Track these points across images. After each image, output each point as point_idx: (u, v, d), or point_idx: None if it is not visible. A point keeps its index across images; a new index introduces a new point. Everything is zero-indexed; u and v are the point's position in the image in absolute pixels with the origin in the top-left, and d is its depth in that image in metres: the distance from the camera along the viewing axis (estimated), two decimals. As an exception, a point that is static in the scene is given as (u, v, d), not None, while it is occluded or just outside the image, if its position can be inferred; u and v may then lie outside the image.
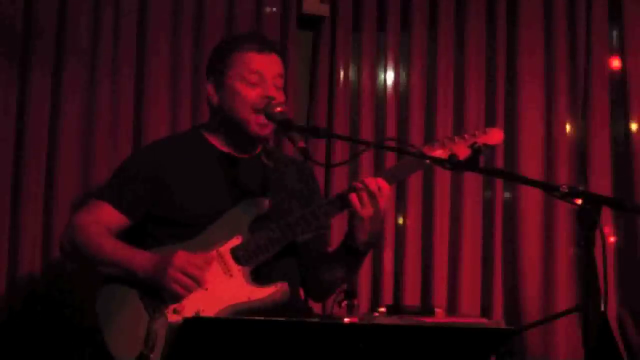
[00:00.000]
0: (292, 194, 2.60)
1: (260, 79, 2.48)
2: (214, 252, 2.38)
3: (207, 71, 2.60)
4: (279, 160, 2.64)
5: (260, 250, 2.40)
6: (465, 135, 2.48)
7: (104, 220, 2.45)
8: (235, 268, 2.38)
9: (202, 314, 2.28)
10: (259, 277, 2.40)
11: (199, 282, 2.30)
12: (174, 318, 2.26)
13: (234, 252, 2.39)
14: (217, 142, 2.56)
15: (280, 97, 2.50)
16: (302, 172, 2.72)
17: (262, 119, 2.45)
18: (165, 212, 2.46)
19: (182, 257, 2.29)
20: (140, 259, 2.34)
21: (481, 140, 2.45)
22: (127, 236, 2.52)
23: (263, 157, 2.60)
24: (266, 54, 2.53)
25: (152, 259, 2.33)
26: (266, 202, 2.46)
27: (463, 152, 2.38)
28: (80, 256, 2.47)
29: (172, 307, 2.30)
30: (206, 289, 2.32)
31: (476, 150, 2.28)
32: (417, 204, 3.87)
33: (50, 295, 3.23)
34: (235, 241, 2.40)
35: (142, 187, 2.47)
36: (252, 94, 2.47)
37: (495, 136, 2.51)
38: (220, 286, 2.34)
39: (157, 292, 2.32)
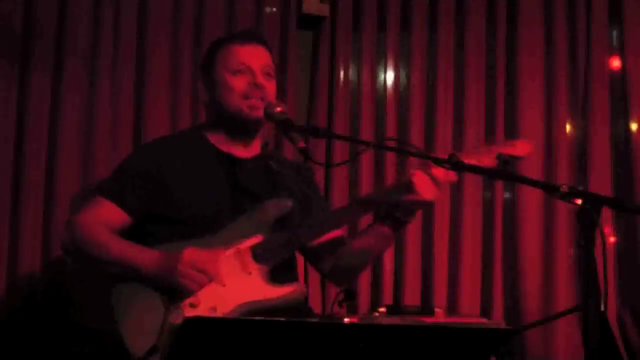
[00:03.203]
0: (293, 194, 2.60)
1: (247, 69, 2.48)
2: (232, 249, 2.36)
3: (200, 74, 2.63)
4: (279, 162, 2.65)
5: (280, 249, 2.39)
6: (493, 146, 2.44)
7: (106, 219, 2.43)
8: (253, 266, 2.36)
9: (218, 310, 2.27)
10: (273, 276, 2.39)
11: (210, 277, 2.29)
12: (190, 312, 2.25)
13: (254, 249, 2.38)
14: (217, 141, 2.56)
15: (269, 85, 2.50)
16: (302, 175, 2.72)
17: (253, 102, 2.45)
18: (165, 210, 2.45)
19: (191, 253, 2.28)
20: (148, 257, 2.32)
21: (507, 151, 2.41)
22: (126, 235, 2.51)
23: (265, 158, 2.60)
24: (250, 44, 2.53)
25: (160, 256, 2.31)
26: (290, 203, 2.45)
27: (490, 162, 2.37)
28: (84, 256, 2.44)
29: (187, 301, 2.28)
30: (224, 285, 2.30)
31: (503, 162, 2.28)
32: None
33: (51, 295, 3.23)
34: (256, 239, 2.39)
35: (143, 185, 2.46)
36: (240, 83, 2.46)
37: (523, 148, 2.44)
38: (238, 283, 2.32)
39: (170, 288, 2.31)
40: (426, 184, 2.35)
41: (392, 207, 2.45)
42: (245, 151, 2.57)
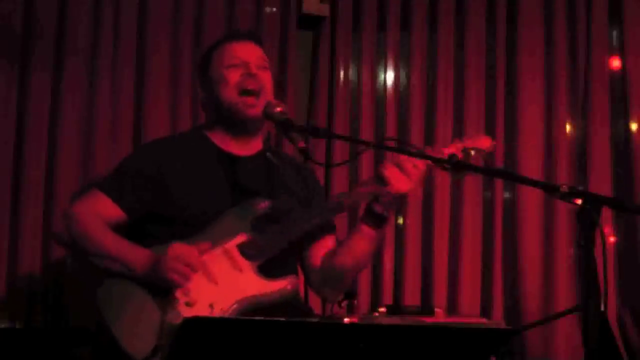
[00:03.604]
0: (293, 194, 2.61)
1: (241, 62, 2.52)
2: (219, 249, 2.38)
3: (197, 79, 2.67)
4: (280, 159, 2.65)
5: (268, 245, 2.41)
6: (456, 140, 2.51)
7: (101, 213, 2.44)
8: (244, 263, 2.38)
9: (215, 308, 2.28)
10: (264, 272, 2.40)
11: (194, 269, 2.29)
12: (187, 312, 2.26)
13: (241, 248, 2.39)
14: (218, 140, 2.57)
15: (264, 75, 2.52)
16: (303, 174, 2.72)
17: (250, 99, 2.47)
18: (165, 210, 2.46)
19: (176, 248, 2.30)
20: (139, 255, 2.34)
21: (471, 144, 2.49)
22: (127, 235, 2.51)
23: (268, 155, 2.60)
24: (241, 41, 2.58)
25: (150, 255, 2.33)
26: (265, 203, 2.47)
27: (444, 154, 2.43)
28: (78, 247, 2.46)
29: (183, 300, 2.29)
30: (217, 284, 2.32)
31: (468, 155, 2.32)
32: (417, 204, 3.87)
33: (50, 295, 3.23)
34: (241, 238, 2.41)
35: (143, 185, 2.47)
36: (234, 76, 2.50)
37: (484, 142, 2.53)
38: (231, 280, 2.34)
39: (162, 288, 2.31)
40: (397, 176, 2.39)
41: (370, 201, 2.47)
42: (245, 149, 2.57)
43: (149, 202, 2.47)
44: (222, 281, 2.33)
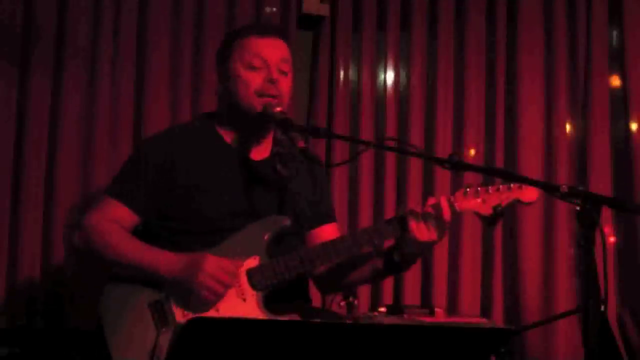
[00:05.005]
0: (306, 197, 2.54)
1: (263, 63, 2.42)
2: None
3: (215, 62, 2.57)
4: (292, 163, 2.54)
5: (276, 276, 2.33)
6: (501, 187, 2.41)
7: (116, 219, 2.39)
8: (249, 292, 2.32)
9: None
10: (269, 303, 2.34)
11: (228, 287, 2.27)
12: None
13: (250, 274, 2.33)
14: (230, 138, 2.49)
15: (284, 81, 2.44)
16: (314, 173, 2.64)
17: (266, 100, 2.40)
18: (175, 209, 2.41)
19: (213, 263, 2.25)
20: (165, 260, 2.29)
21: (515, 195, 2.39)
22: (138, 235, 2.47)
23: (278, 165, 2.52)
24: (269, 37, 2.48)
25: (178, 260, 2.28)
26: (287, 221, 2.40)
27: (485, 211, 2.39)
28: (97, 257, 2.39)
29: (179, 324, 2.24)
30: (217, 311, 2.27)
31: (498, 214, 2.31)
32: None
33: (50, 296, 3.23)
34: (252, 262, 2.34)
35: (152, 184, 2.41)
36: (255, 78, 2.41)
37: (530, 195, 2.39)
38: (232, 310, 2.28)
39: (163, 306, 2.28)
40: (421, 228, 2.40)
41: (393, 248, 2.44)
42: (258, 151, 2.51)
43: (160, 200, 2.41)
44: (223, 309, 2.28)
